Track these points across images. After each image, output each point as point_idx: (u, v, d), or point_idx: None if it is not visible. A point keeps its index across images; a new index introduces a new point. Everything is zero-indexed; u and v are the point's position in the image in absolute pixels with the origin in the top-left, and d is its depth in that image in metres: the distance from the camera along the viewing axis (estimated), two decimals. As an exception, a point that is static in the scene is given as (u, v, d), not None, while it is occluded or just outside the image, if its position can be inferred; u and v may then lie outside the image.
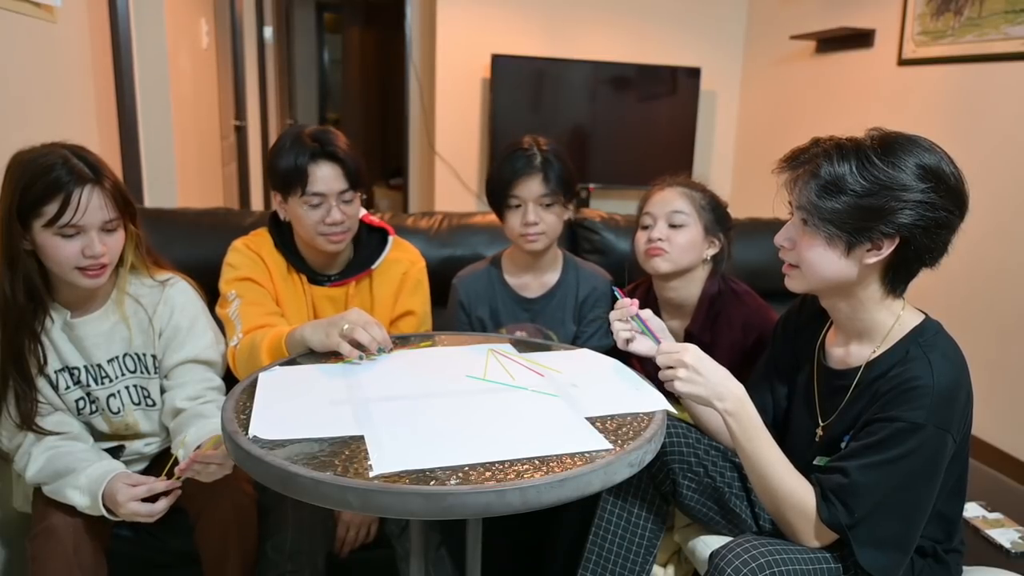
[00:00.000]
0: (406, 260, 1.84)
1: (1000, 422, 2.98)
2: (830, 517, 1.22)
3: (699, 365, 1.27)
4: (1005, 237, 2.98)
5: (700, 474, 1.45)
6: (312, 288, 1.77)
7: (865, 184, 1.17)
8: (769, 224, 2.39)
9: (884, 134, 1.21)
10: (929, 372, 1.19)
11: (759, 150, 4.76)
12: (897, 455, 1.17)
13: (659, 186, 1.80)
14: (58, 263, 1.43)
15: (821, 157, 1.21)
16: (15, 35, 1.81)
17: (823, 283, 1.26)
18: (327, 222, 1.65)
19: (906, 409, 1.18)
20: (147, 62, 2.97)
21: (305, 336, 1.47)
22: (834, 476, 1.23)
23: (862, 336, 1.31)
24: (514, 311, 1.89)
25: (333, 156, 1.64)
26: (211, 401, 1.61)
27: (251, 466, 1.05)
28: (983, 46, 3.12)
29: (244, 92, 4.78)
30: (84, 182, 1.40)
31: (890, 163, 1.16)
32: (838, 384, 1.33)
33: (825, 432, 1.35)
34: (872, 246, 1.20)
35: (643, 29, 4.70)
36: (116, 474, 1.42)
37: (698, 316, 1.76)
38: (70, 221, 1.39)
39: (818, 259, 1.23)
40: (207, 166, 3.88)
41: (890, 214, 1.16)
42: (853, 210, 1.18)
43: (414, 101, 5.01)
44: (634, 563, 1.50)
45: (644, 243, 1.74)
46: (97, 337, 1.56)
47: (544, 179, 1.75)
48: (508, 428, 1.15)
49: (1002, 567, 1.45)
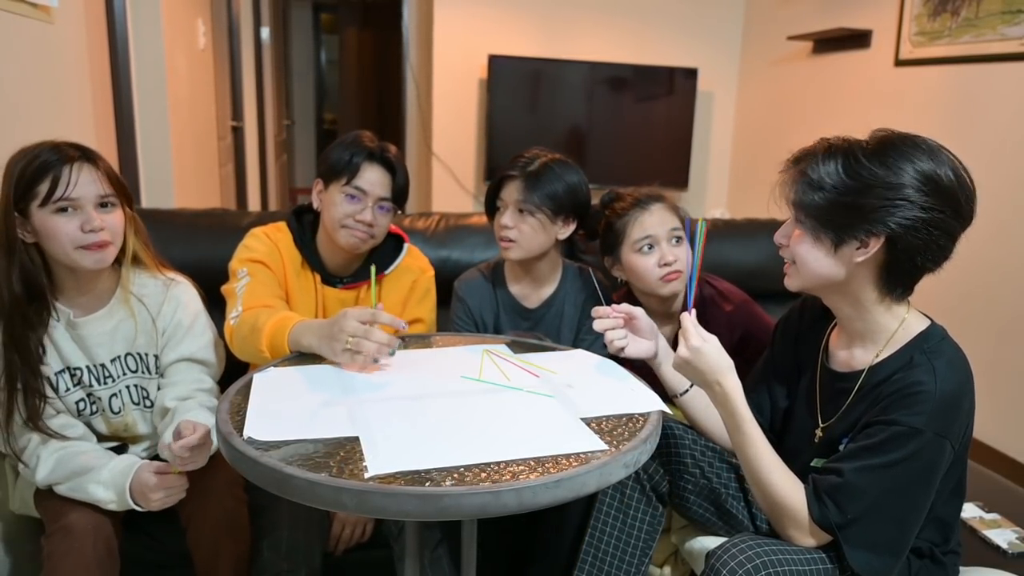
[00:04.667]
0: (417, 268, 1.85)
1: (997, 423, 2.99)
2: (821, 516, 1.22)
3: (692, 356, 1.28)
4: (1002, 237, 2.98)
5: (697, 475, 1.45)
6: (324, 288, 1.78)
7: (847, 181, 1.17)
8: (765, 225, 2.39)
9: (884, 135, 1.21)
10: (933, 378, 1.18)
11: (756, 151, 4.76)
12: (894, 459, 1.17)
13: (629, 206, 1.76)
14: (59, 242, 1.43)
15: (813, 156, 1.22)
16: (12, 36, 1.80)
17: (816, 281, 1.27)
18: (357, 218, 1.67)
19: (906, 413, 1.17)
20: (144, 63, 2.97)
21: (312, 346, 1.44)
22: (829, 476, 1.23)
23: (865, 339, 1.30)
24: (514, 320, 1.88)
25: (386, 162, 1.69)
26: (197, 401, 1.60)
27: (246, 467, 1.05)
28: (980, 47, 3.12)
29: (241, 93, 4.77)
30: (72, 160, 1.44)
31: (878, 162, 1.17)
32: (840, 386, 1.33)
33: (825, 434, 1.35)
34: (860, 244, 1.20)
35: (640, 30, 4.70)
36: (142, 463, 1.43)
37: None
38: (64, 194, 1.41)
39: (807, 255, 1.24)
40: (204, 167, 3.88)
41: (873, 212, 1.16)
42: (833, 206, 1.18)
43: (411, 102, 5.01)
44: (630, 564, 1.50)
45: (657, 269, 1.72)
46: (101, 336, 1.56)
47: (526, 186, 1.71)
48: (504, 429, 1.15)
49: (999, 568, 1.44)
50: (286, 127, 7.47)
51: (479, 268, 1.95)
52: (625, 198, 1.79)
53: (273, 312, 1.57)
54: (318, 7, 8.91)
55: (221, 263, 1.76)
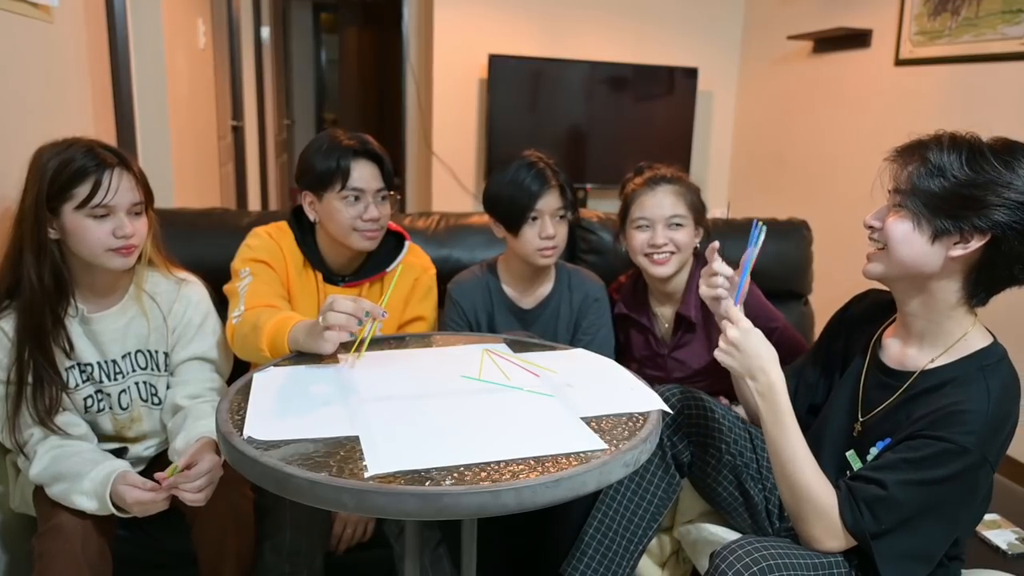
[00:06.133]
0: (419, 266, 1.86)
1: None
2: (855, 524, 1.20)
3: (741, 340, 1.27)
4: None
5: (723, 449, 1.45)
6: (326, 287, 1.78)
7: (969, 173, 1.15)
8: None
9: (1009, 140, 1.20)
10: (986, 398, 1.16)
11: (756, 150, 4.76)
12: (938, 476, 1.15)
13: (642, 184, 1.82)
14: (89, 245, 1.46)
15: (934, 144, 1.20)
16: (12, 35, 1.80)
17: (903, 270, 1.23)
18: (365, 218, 1.68)
19: (956, 432, 1.15)
20: (144, 62, 2.96)
21: (309, 345, 1.44)
22: (870, 486, 1.20)
23: (924, 340, 1.27)
24: (509, 321, 1.89)
25: (372, 155, 1.70)
26: (209, 401, 1.63)
27: (246, 467, 1.05)
28: (980, 46, 3.12)
29: (241, 92, 4.77)
30: (112, 165, 1.46)
31: (1003, 161, 1.15)
32: (887, 382, 1.31)
33: (863, 427, 1.32)
34: (960, 238, 1.17)
35: (640, 29, 4.70)
36: (117, 475, 1.42)
37: (688, 299, 1.84)
38: (103, 201, 1.44)
39: (903, 239, 1.21)
40: (204, 166, 3.87)
41: (986, 208, 1.14)
42: (949, 195, 1.16)
43: (411, 101, 5.01)
44: (638, 526, 1.50)
45: (645, 247, 1.80)
46: (114, 332, 1.58)
47: (561, 193, 1.79)
48: (503, 428, 1.15)
49: (999, 569, 1.44)
50: (286, 127, 7.47)
51: (473, 270, 1.95)
52: (642, 175, 1.86)
53: (275, 312, 1.57)
54: (318, 7, 8.91)
55: (221, 263, 1.76)
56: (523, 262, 1.84)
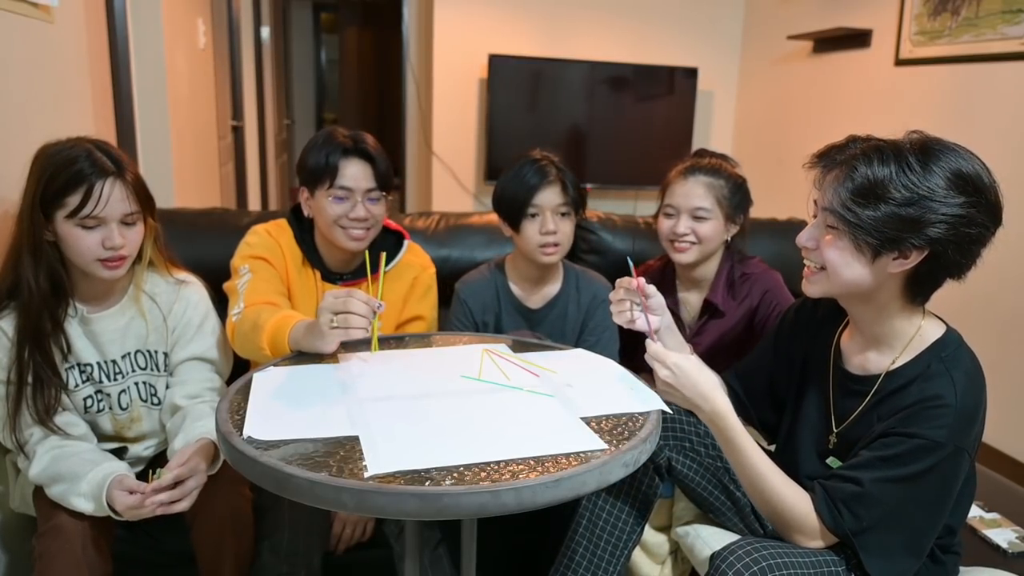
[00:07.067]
0: (418, 265, 1.85)
1: (998, 423, 2.97)
2: (835, 524, 1.21)
3: (673, 378, 1.27)
4: (1002, 236, 2.97)
5: (701, 453, 1.45)
6: (324, 285, 1.78)
7: (905, 193, 1.11)
8: (766, 225, 2.39)
9: (923, 139, 1.17)
10: (952, 391, 1.16)
11: (756, 150, 4.76)
12: (914, 471, 1.16)
13: (680, 171, 1.86)
14: (79, 254, 1.46)
15: (859, 158, 1.16)
16: (12, 35, 1.80)
17: (844, 288, 1.23)
18: (350, 216, 1.67)
19: (927, 427, 1.15)
20: (144, 62, 2.96)
21: (310, 344, 1.44)
22: (846, 485, 1.21)
23: (881, 343, 1.28)
24: (516, 320, 1.89)
25: (365, 154, 1.68)
26: (208, 401, 1.63)
27: (246, 467, 1.05)
28: (980, 46, 3.12)
29: (241, 92, 4.77)
30: (106, 175, 1.44)
31: (930, 171, 1.12)
32: (855, 389, 1.31)
33: (839, 438, 1.33)
34: (899, 255, 1.16)
35: (640, 29, 4.70)
36: (113, 479, 1.42)
37: (717, 286, 1.87)
38: (92, 212, 1.43)
39: (842, 263, 1.19)
40: (204, 166, 3.87)
41: (923, 226, 1.12)
42: (889, 219, 1.13)
43: (411, 101, 5.01)
44: (625, 523, 1.50)
45: (668, 233, 1.84)
46: (113, 333, 1.58)
47: (562, 189, 1.79)
48: (503, 428, 1.15)
49: (999, 567, 1.44)
50: (286, 126, 7.47)
51: (481, 269, 1.95)
52: (685, 162, 1.88)
53: (275, 310, 1.57)
54: (318, 7, 8.91)
55: (221, 263, 1.76)
56: (528, 261, 1.84)
